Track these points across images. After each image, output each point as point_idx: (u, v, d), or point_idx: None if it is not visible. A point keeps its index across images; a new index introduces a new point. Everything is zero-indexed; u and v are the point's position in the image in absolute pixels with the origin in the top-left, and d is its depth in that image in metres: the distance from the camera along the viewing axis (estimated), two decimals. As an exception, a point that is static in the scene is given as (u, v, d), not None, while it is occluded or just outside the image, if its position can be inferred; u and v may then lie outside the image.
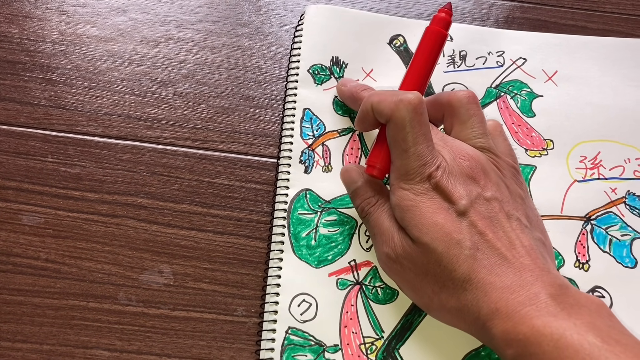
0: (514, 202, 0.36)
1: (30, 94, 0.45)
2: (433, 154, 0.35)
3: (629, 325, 0.38)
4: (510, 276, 0.32)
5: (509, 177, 0.37)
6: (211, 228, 0.42)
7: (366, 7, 0.50)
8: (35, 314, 0.39)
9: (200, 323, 0.39)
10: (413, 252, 0.34)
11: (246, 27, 0.48)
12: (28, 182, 0.42)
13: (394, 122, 0.35)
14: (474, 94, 0.38)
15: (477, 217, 0.34)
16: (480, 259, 0.33)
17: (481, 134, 0.38)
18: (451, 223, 0.33)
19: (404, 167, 0.35)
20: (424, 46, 0.39)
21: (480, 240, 0.33)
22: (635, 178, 0.44)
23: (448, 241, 0.33)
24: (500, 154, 0.38)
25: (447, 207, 0.34)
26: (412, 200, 0.34)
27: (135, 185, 0.43)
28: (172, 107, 0.45)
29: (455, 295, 0.33)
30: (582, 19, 0.50)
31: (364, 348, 0.38)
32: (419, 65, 0.39)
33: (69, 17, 0.48)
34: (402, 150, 0.35)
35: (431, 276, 0.34)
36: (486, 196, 0.35)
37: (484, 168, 0.36)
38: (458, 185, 0.34)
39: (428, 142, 0.35)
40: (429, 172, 0.34)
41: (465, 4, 0.50)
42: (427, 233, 0.33)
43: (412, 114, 0.34)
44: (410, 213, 0.34)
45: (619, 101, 0.46)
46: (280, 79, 0.47)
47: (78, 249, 0.41)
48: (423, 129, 0.34)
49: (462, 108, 0.38)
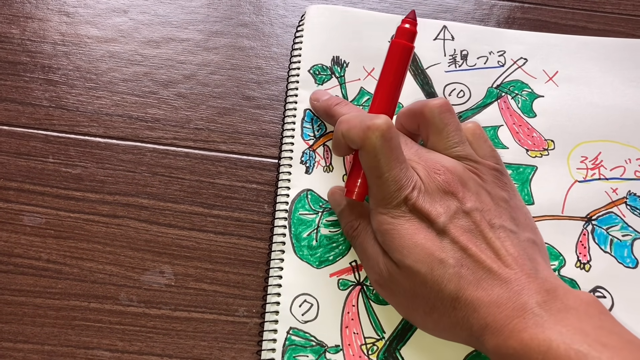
0: (496, 208, 0.35)
1: (32, 95, 0.45)
2: (407, 176, 0.34)
3: (630, 325, 0.38)
4: (496, 289, 0.32)
5: (490, 182, 0.37)
6: (212, 228, 0.42)
7: (367, 8, 0.50)
8: (36, 314, 0.39)
9: (201, 323, 0.39)
10: (398, 276, 0.34)
11: (247, 28, 0.48)
12: (29, 182, 0.42)
13: (365, 150, 0.34)
14: (447, 102, 0.37)
15: (457, 233, 0.33)
16: (466, 275, 0.32)
17: (457, 142, 0.37)
18: (432, 242, 0.33)
19: (381, 193, 0.35)
20: (390, 62, 0.38)
21: (464, 256, 0.33)
22: (636, 178, 0.44)
23: (431, 262, 0.33)
24: (480, 159, 0.37)
25: (427, 227, 0.34)
26: (390, 224, 0.34)
27: (136, 185, 0.43)
28: (173, 107, 0.45)
29: (447, 314, 0.33)
30: (582, 20, 0.50)
31: (365, 349, 0.38)
32: (387, 83, 0.38)
33: (70, 17, 0.48)
34: (377, 177, 0.34)
35: (420, 298, 0.34)
36: (466, 208, 0.34)
37: (461, 179, 0.35)
38: (435, 203, 0.34)
39: (401, 164, 0.34)
40: (404, 195, 0.34)
41: (466, 5, 0.50)
42: (409, 255, 0.33)
43: (382, 141, 0.34)
44: (389, 236, 0.34)
45: (620, 101, 0.46)
46: (281, 79, 0.47)
47: (79, 250, 0.41)
48: (395, 153, 0.34)
49: (435, 118, 0.37)
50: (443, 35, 0.48)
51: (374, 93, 0.39)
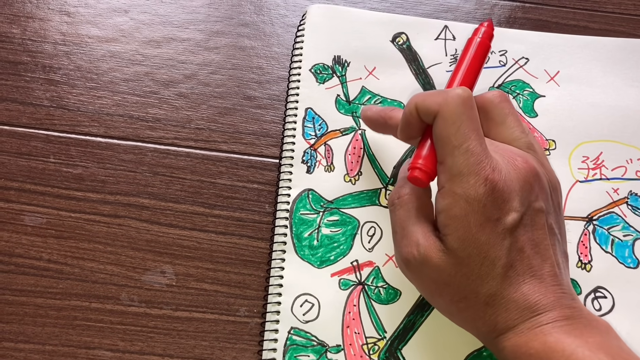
0: (555, 213, 0.34)
1: (32, 95, 0.45)
2: (487, 155, 0.31)
3: (631, 326, 0.39)
4: (535, 295, 0.31)
5: (554, 182, 0.35)
6: (213, 228, 0.42)
7: (368, 7, 0.50)
8: (37, 314, 0.39)
9: (202, 323, 0.39)
10: (441, 261, 0.32)
11: (248, 28, 0.48)
12: (30, 182, 0.42)
13: (443, 117, 0.31)
14: (504, 92, 0.36)
15: (521, 232, 0.32)
16: (510, 276, 0.31)
17: (522, 133, 0.35)
18: (494, 240, 0.31)
19: (457, 166, 0.31)
20: (475, 55, 0.37)
21: (517, 257, 0.31)
22: (637, 178, 0.44)
23: (483, 258, 0.31)
24: (541, 150, 0.36)
25: (496, 219, 0.31)
26: (462, 210, 0.31)
27: (137, 185, 0.43)
28: (174, 107, 0.45)
29: (476, 307, 0.32)
30: (583, 19, 0.50)
31: (366, 348, 0.38)
32: (467, 70, 0.36)
33: (70, 17, 0.48)
34: (453, 147, 0.31)
35: (454, 287, 0.32)
36: (536, 207, 0.32)
37: (537, 173, 0.33)
38: (513, 192, 0.31)
39: (480, 139, 0.31)
40: (485, 175, 0.31)
41: (467, 5, 0.50)
42: (466, 248, 0.31)
43: (462, 107, 0.31)
44: (456, 223, 0.31)
45: (621, 102, 0.46)
46: (282, 79, 0.47)
47: (80, 250, 0.41)
48: (474, 124, 0.32)
49: (495, 109, 0.35)
50: (444, 35, 0.48)
51: (449, 78, 0.37)
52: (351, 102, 0.45)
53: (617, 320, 0.39)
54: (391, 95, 0.45)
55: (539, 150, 0.36)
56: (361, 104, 0.45)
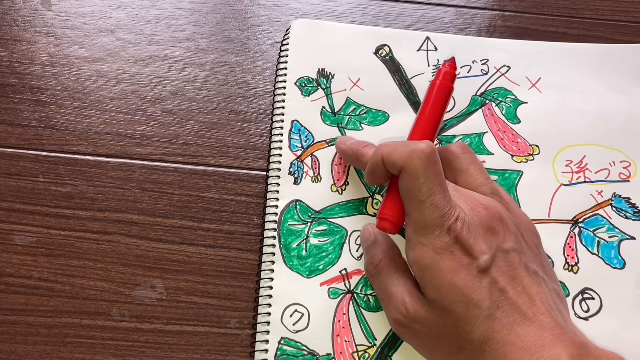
0: (530, 252, 0.35)
1: (21, 116, 0.45)
2: (451, 205, 0.33)
3: (619, 326, 0.39)
4: (531, 335, 0.31)
5: (523, 224, 0.36)
6: (202, 242, 0.42)
7: (350, 21, 0.50)
8: (28, 332, 0.39)
9: (193, 336, 0.39)
10: (428, 315, 0.33)
11: (232, 44, 0.49)
12: (20, 202, 0.43)
13: (408, 173, 0.33)
14: (465, 144, 0.39)
15: (497, 273, 0.32)
16: (500, 318, 0.31)
17: (486, 179, 0.37)
18: (471, 282, 0.32)
19: (422, 220, 0.33)
20: (434, 99, 0.38)
21: (501, 298, 0.32)
22: (620, 180, 0.44)
23: (467, 302, 0.31)
24: (507, 195, 0.37)
25: (468, 263, 0.32)
26: (431, 259, 0.32)
27: (126, 202, 0.43)
28: (161, 123, 0.46)
29: (473, 356, 0.32)
30: (562, 26, 0.51)
31: (356, 356, 0.38)
32: (429, 116, 0.38)
33: (57, 39, 0.48)
34: (419, 202, 0.33)
35: (447, 338, 0.33)
36: (505, 248, 0.33)
37: (501, 217, 0.34)
38: (479, 237, 0.33)
39: (444, 192, 0.33)
40: (448, 225, 0.32)
41: (447, 15, 0.51)
42: (446, 295, 0.32)
43: (426, 163, 0.33)
44: (430, 272, 0.32)
45: (602, 106, 0.47)
46: (268, 92, 0.47)
47: (70, 267, 0.41)
48: (438, 179, 0.33)
49: (457, 160, 0.38)
50: (426, 46, 0.49)
51: (413, 124, 0.39)
52: (336, 114, 0.46)
53: (605, 321, 0.40)
54: (376, 106, 0.46)
55: (505, 195, 0.37)
56: (346, 115, 0.45)
